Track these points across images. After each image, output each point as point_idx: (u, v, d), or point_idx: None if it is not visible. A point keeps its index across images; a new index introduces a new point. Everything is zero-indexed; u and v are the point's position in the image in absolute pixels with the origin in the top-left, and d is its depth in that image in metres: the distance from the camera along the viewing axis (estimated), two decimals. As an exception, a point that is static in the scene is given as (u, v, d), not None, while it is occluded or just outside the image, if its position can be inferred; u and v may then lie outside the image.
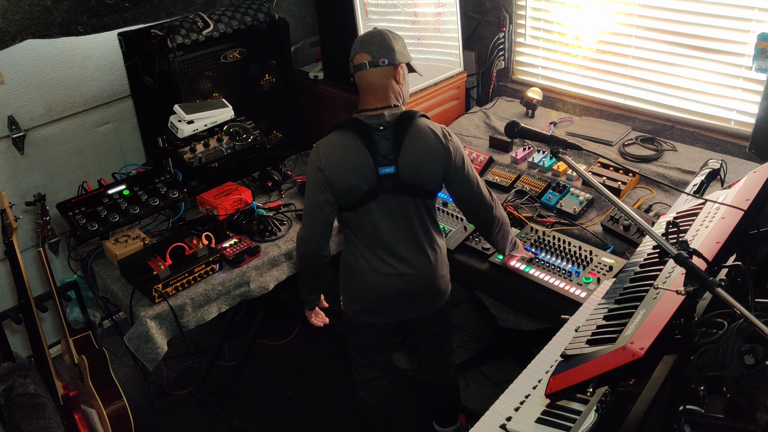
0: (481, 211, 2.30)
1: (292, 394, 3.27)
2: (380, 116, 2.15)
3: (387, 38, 2.15)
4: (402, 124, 2.13)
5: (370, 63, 2.14)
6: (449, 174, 2.20)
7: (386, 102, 2.18)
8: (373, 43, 2.15)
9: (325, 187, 2.14)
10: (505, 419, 1.68)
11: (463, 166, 2.21)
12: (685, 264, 1.38)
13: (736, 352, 1.42)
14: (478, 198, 2.27)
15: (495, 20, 3.53)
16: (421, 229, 2.25)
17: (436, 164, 2.16)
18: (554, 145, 2.08)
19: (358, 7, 2.91)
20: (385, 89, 2.17)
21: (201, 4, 3.21)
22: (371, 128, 2.13)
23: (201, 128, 2.86)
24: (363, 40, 2.18)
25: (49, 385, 2.61)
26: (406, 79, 2.23)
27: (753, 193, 1.87)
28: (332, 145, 2.14)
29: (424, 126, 2.16)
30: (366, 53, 2.14)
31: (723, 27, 2.83)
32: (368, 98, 2.19)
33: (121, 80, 3.33)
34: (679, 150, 2.98)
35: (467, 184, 2.24)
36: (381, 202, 2.18)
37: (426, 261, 2.28)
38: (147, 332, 2.36)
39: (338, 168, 2.12)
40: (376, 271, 2.26)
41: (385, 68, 2.14)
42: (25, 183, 3.18)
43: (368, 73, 2.15)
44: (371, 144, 2.11)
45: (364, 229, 2.23)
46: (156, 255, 2.47)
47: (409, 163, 2.13)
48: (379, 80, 2.15)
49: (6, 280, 3.26)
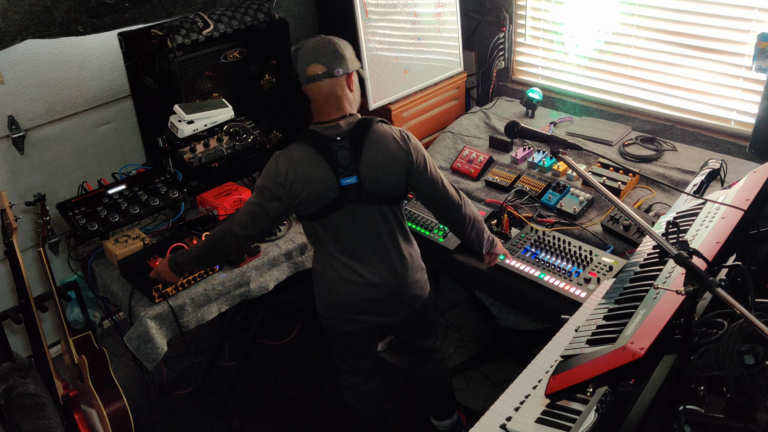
0: (450, 211, 2.30)
1: (292, 394, 3.27)
2: (337, 126, 2.13)
3: (338, 47, 2.11)
4: (360, 132, 2.11)
5: (325, 74, 2.09)
6: (412, 177, 2.18)
7: (342, 112, 2.15)
8: (325, 52, 2.09)
9: (281, 198, 2.12)
10: (505, 419, 1.68)
11: (426, 168, 2.19)
12: (685, 264, 1.38)
13: (736, 352, 1.42)
14: (445, 197, 2.26)
15: (495, 20, 3.53)
16: (388, 236, 2.24)
17: (398, 169, 2.14)
18: (554, 145, 2.08)
19: (358, 7, 2.91)
20: (340, 99, 2.14)
21: (201, 4, 3.21)
22: (329, 140, 2.11)
23: (201, 128, 2.86)
24: (314, 49, 2.11)
25: (49, 385, 2.61)
26: (357, 84, 2.21)
27: (753, 193, 1.87)
28: (291, 159, 2.12)
29: (382, 132, 2.14)
30: (320, 63, 2.09)
31: (723, 27, 2.83)
32: (324, 109, 2.15)
33: (121, 80, 3.33)
34: (679, 150, 2.98)
35: (432, 185, 2.23)
36: (346, 212, 2.16)
37: (395, 268, 2.26)
38: (147, 332, 2.36)
39: (298, 182, 2.10)
40: (345, 279, 2.25)
41: (338, 78, 2.11)
42: (25, 183, 3.17)
43: (323, 84, 2.11)
44: (330, 156, 2.10)
45: (331, 239, 2.22)
46: (156, 255, 2.47)
47: (371, 171, 2.11)
48: (333, 90, 2.12)
49: (6, 280, 3.26)
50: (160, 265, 2.36)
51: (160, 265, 2.37)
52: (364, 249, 2.22)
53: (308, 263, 2.75)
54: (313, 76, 2.10)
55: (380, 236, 2.23)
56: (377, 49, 3.04)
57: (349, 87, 2.16)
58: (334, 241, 2.22)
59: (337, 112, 2.15)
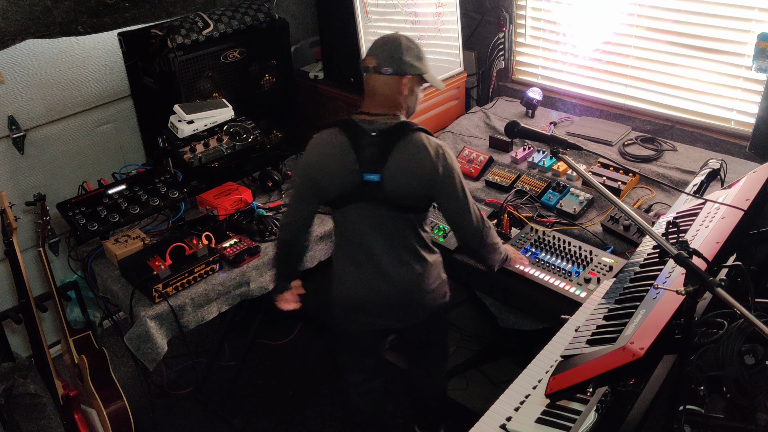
0: (466, 241, 2.24)
1: (292, 394, 3.27)
2: (375, 122, 2.11)
3: (399, 47, 2.09)
4: (394, 134, 2.09)
5: (374, 68, 2.09)
6: (435, 194, 2.13)
7: (385, 110, 2.13)
8: (384, 49, 2.10)
9: (308, 181, 2.17)
10: (505, 419, 1.68)
11: (451, 190, 2.12)
12: (685, 264, 1.38)
13: (736, 352, 1.42)
14: (463, 228, 2.19)
15: (495, 20, 3.53)
16: (401, 242, 2.19)
17: (422, 181, 2.09)
18: (554, 145, 2.08)
19: (358, 7, 2.91)
20: (386, 97, 2.12)
21: (201, 4, 3.21)
22: (363, 132, 2.10)
23: (201, 128, 2.86)
24: (377, 43, 2.13)
25: (49, 385, 2.61)
26: (414, 91, 2.16)
27: (753, 193, 1.87)
28: (321, 141, 2.15)
29: (418, 140, 2.09)
30: (374, 57, 2.10)
31: (723, 27, 2.83)
32: (369, 101, 2.15)
33: (121, 80, 3.33)
34: (679, 150, 2.98)
35: (454, 211, 2.16)
36: (363, 208, 2.15)
37: (403, 276, 2.22)
38: (147, 332, 2.36)
39: (321, 164, 2.13)
40: (353, 279, 2.25)
41: (389, 77, 2.09)
42: (25, 183, 3.17)
43: (370, 77, 2.12)
44: (359, 148, 2.09)
45: (346, 233, 2.22)
46: (156, 255, 2.47)
47: (394, 175, 2.08)
48: (381, 87, 2.11)
49: (6, 280, 3.25)
50: (275, 299, 2.41)
51: (275, 299, 2.41)
52: (375, 251, 2.19)
53: (308, 263, 2.75)
54: (365, 68, 2.13)
55: (392, 241, 2.19)
56: (377, 49, 3.04)
57: (400, 89, 2.11)
58: (347, 237, 2.23)
59: (378, 108, 2.13)
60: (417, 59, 2.12)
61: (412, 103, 2.19)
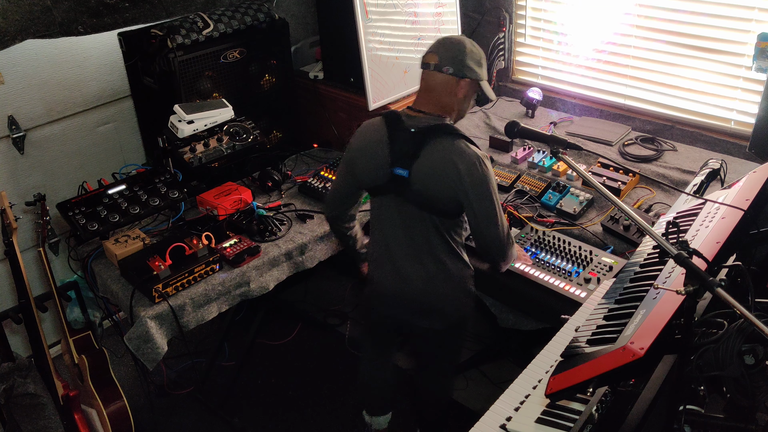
0: (488, 251, 2.21)
1: (292, 394, 3.27)
2: (418, 119, 2.12)
3: (464, 49, 2.09)
4: (431, 134, 2.07)
5: (435, 66, 2.09)
6: (463, 201, 2.09)
7: (434, 109, 2.13)
8: (448, 48, 2.10)
9: (347, 164, 2.26)
10: (505, 419, 1.68)
11: (476, 203, 2.07)
12: (685, 264, 1.38)
13: (736, 352, 1.42)
14: (490, 239, 2.14)
15: (495, 20, 3.53)
16: (423, 243, 2.18)
17: (448, 186, 2.07)
18: (554, 145, 2.08)
19: (358, 7, 2.91)
20: (440, 97, 2.12)
21: (201, 4, 3.21)
22: (403, 127, 2.11)
23: (201, 128, 2.86)
24: (441, 41, 2.13)
25: (49, 385, 2.61)
26: (468, 96, 2.17)
27: (753, 193, 1.87)
28: (365, 128, 2.22)
29: (451, 145, 2.06)
30: (436, 55, 2.10)
31: (723, 27, 2.83)
32: (421, 98, 2.16)
33: (121, 80, 3.33)
34: (679, 150, 2.98)
35: (478, 222, 2.11)
36: (391, 201, 2.18)
37: (418, 272, 2.21)
38: (147, 332, 2.36)
39: (360, 151, 2.21)
40: (377, 265, 2.30)
41: (446, 77, 2.09)
42: (25, 183, 3.17)
43: (428, 75, 2.12)
44: (394, 141, 2.11)
45: (375, 221, 2.28)
46: (156, 255, 2.47)
47: (422, 174, 2.08)
48: (437, 86, 2.11)
49: (6, 280, 3.25)
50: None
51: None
52: (394, 244, 2.22)
53: (308, 263, 2.75)
54: (424, 64, 2.14)
55: (414, 238, 2.18)
56: (377, 49, 3.04)
57: (456, 91, 2.12)
58: (378, 225, 2.27)
59: (428, 107, 2.14)
60: (477, 65, 2.12)
61: (464, 107, 2.19)
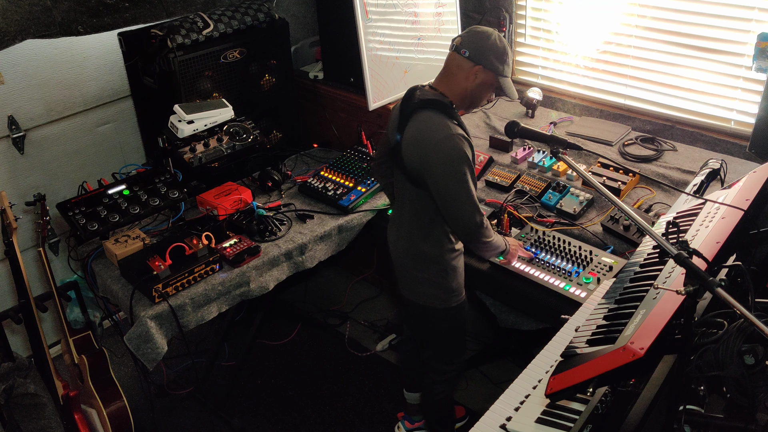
0: (458, 235, 2.30)
1: (292, 394, 3.27)
2: (426, 93, 2.22)
3: (487, 40, 2.16)
4: (422, 106, 2.18)
5: (455, 47, 2.19)
6: (427, 177, 2.16)
7: (444, 88, 2.22)
8: (473, 34, 2.18)
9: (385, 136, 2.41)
10: (505, 419, 1.68)
11: (439, 180, 2.14)
12: (685, 264, 1.38)
13: (736, 352, 1.42)
14: (455, 222, 2.21)
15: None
16: (405, 213, 2.32)
17: (419, 158, 2.16)
18: (554, 145, 2.08)
19: (358, 7, 2.91)
20: (453, 77, 2.21)
21: (201, 4, 3.21)
22: (413, 98, 2.21)
23: (201, 128, 2.86)
24: (471, 28, 2.22)
25: (49, 385, 2.61)
26: (481, 86, 2.21)
27: (753, 193, 1.87)
28: (396, 104, 2.34)
29: (431, 118, 2.16)
30: (461, 38, 2.20)
31: (723, 27, 2.83)
32: (439, 76, 2.27)
33: (121, 80, 3.33)
34: (679, 150, 2.98)
35: (441, 202, 2.18)
36: (397, 171, 2.32)
37: (398, 243, 2.38)
38: (147, 332, 2.36)
39: (389, 122, 2.36)
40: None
41: (462, 59, 2.17)
42: (25, 183, 3.18)
43: (450, 55, 2.22)
44: (403, 111, 2.23)
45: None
46: (156, 255, 2.47)
47: (406, 143, 2.21)
48: (452, 66, 2.21)
49: (6, 280, 3.26)
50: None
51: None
52: (395, 209, 2.43)
53: (308, 263, 2.75)
54: (451, 44, 2.22)
55: (400, 208, 2.36)
56: (377, 49, 3.04)
57: (468, 75, 2.18)
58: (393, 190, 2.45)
59: (440, 85, 2.24)
60: (498, 58, 2.17)
61: (476, 96, 2.25)
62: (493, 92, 2.30)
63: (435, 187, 2.17)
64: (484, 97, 2.28)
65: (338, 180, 2.99)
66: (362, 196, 2.88)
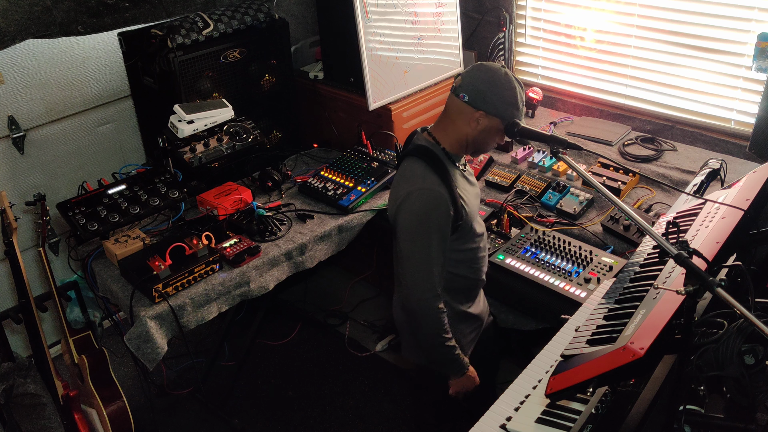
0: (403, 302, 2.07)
1: (292, 394, 3.27)
2: (420, 137, 2.06)
3: (489, 79, 1.91)
4: (406, 153, 2.04)
5: (454, 89, 1.97)
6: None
7: (436, 131, 2.03)
8: (474, 73, 1.94)
9: None
10: (505, 419, 1.68)
11: (399, 233, 1.99)
12: (685, 264, 1.38)
13: (736, 352, 1.42)
14: (398, 287, 2.05)
15: (495, 20, 3.53)
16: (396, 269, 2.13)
17: (392, 212, 2.01)
18: (554, 145, 2.08)
19: (358, 7, 2.91)
20: (449, 121, 2.00)
21: (201, 4, 3.21)
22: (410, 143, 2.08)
23: (201, 128, 2.86)
24: (475, 66, 1.97)
25: (49, 385, 2.61)
26: (486, 132, 1.98)
27: (753, 193, 1.87)
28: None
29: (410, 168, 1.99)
30: (461, 77, 1.96)
31: (723, 27, 2.83)
32: (439, 118, 2.06)
33: (121, 80, 3.33)
34: (679, 150, 2.98)
35: (396, 257, 2.05)
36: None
37: (395, 302, 2.23)
38: (147, 332, 2.36)
39: None
40: None
41: (462, 104, 1.94)
42: (25, 183, 3.18)
43: (449, 96, 2.00)
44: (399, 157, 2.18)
45: None
46: (156, 255, 2.47)
47: (390, 194, 2.09)
48: (451, 110, 1.99)
49: (6, 280, 3.26)
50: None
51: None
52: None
53: (308, 263, 2.75)
54: (453, 86, 2.00)
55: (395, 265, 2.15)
56: (377, 49, 3.04)
57: (468, 122, 1.95)
58: None
59: (438, 129, 2.03)
60: (503, 102, 1.92)
61: (479, 143, 2.02)
62: (502, 138, 2.01)
63: (396, 242, 2.01)
64: (490, 143, 2.03)
65: (338, 180, 2.99)
66: (362, 196, 2.88)
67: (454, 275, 2.11)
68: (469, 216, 2.04)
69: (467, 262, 2.13)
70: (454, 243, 2.05)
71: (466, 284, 2.18)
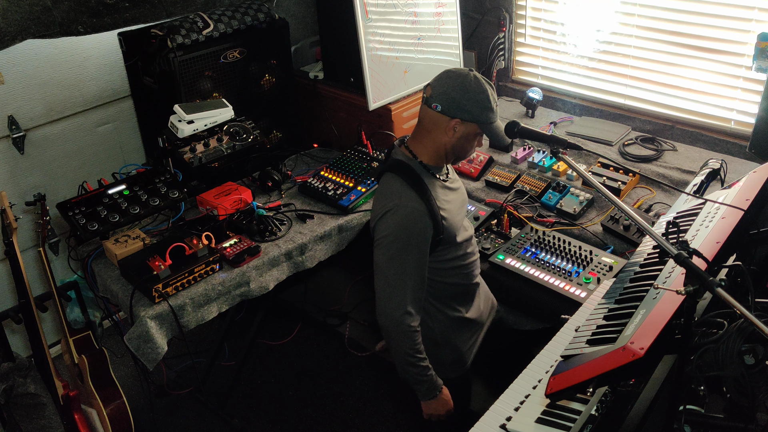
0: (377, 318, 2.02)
1: (292, 394, 3.27)
2: (397, 150, 2.04)
3: (459, 85, 1.89)
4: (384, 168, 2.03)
5: (425, 99, 1.94)
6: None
7: (413, 143, 2.01)
8: (443, 81, 1.91)
9: None
10: (505, 419, 1.68)
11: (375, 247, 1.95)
12: (685, 264, 1.38)
13: (736, 352, 1.42)
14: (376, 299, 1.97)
15: (495, 20, 3.53)
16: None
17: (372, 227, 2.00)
18: (554, 145, 2.08)
19: (358, 7, 2.91)
20: (425, 132, 1.97)
21: (201, 4, 3.21)
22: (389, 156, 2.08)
23: (201, 128, 2.86)
24: (443, 72, 1.94)
25: (49, 385, 2.61)
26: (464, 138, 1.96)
27: (753, 193, 1.87)
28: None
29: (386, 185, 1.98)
30: (431, 87, 1.93)
31: (723, 27, 2.83)
32: (414, 130, 2.03)
33: (121, 80, 3.33)
34: (679, 150, 2.98)
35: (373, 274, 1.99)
36: None
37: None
38: (147, 332, 2.36)
39: None
40: None
41: (436, 114, 1.91)
42: (25, 183, 3.18)
43: (422, 107, 1.97)
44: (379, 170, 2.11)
45: None
46: (156, 255, 2.47)
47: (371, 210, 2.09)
48: (427, 122, 1.96)
49: (6, 280, 3.26)
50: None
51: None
52: None
53: (308, 263, 2.75)
54: (423, 96, 1.96)
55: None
56: (377, 49, 3.04)
57: (445, 131, 1.93)
58: None
59: (415, 142, 2.01)
60: (477, 105, 1.90)
61: (459, 150, 2.00)
62: (480, 140, 2.01)
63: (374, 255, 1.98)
64: (469, 149, 2.02)
65: (338, 180, 2.99)
66: (362, 196, 2.88)
67: (445, 284, 2.11)
68: (452, 227, 2.02)
69: (457, 269, 2.13)
70: (440, 255, 2.05)
71: (459, 290, 2.18)
